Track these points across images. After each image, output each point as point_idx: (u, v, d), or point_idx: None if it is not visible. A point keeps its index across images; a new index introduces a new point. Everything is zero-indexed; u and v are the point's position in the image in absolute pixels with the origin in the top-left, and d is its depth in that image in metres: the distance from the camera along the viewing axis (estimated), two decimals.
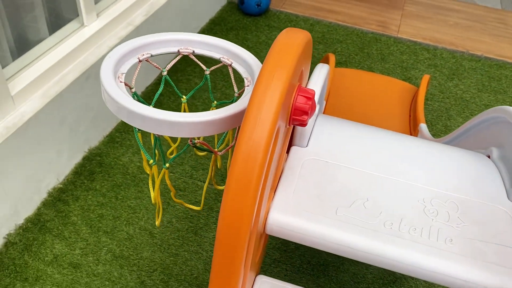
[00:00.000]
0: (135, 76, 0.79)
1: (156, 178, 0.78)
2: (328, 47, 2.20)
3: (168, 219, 1.43)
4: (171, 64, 0.83)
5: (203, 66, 0.85)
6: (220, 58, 0.82)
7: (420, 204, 0.79)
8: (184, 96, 0.86)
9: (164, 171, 0.79)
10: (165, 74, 0.83)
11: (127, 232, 1.39)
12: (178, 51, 0.82)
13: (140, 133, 0.78)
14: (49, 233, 1.37)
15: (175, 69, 1.96)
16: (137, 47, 0.78)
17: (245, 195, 0.56)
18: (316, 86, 0.87)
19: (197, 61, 0.84)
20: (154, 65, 0.82)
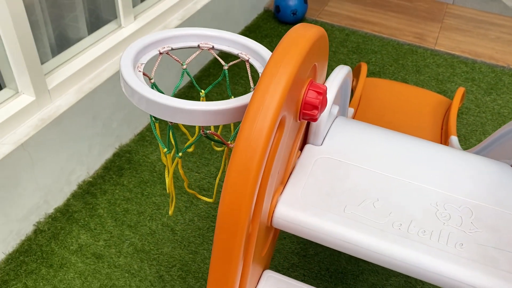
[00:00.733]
0: (155, 68, 0.82)
1: (170, 167, 0.80)
2: (362, 57, 2.19)
3: (190, 217, 1.46)
4: (191, 58, 0.86)
5: (222, 61, 0.88)
6: (238, 54, 0.84)
7: (432, 207, 0.77)
8: (202, 90, 0.88)
9: (177, 160, 0.81)
10: (185, 67, 0.86)
11: (149, 228, 1.42)
12: (198, 45, 0.84)
13: (158, 124, 0.81)
14: (76, 223, 1.42)
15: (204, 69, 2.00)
16: (159, 40, 0.81)
17: (245, 181, 0.56)
18: (332, 84, 0.87)
19: (216, 56, 0.86)
20: (174, 58, 0.85)
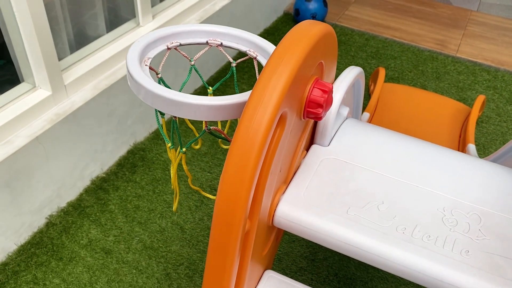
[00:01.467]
0: (162, 63, 0.82)
1: (173, 162, 0.80)
2: (381, 63, 2.16)
3: (200, 216, 1.45)
4: (199, 54, 0.86)
5: (230, 59, 0.87)
6: (246, 51, 0.83)
7: (439, 212, 0.75)
8: (210, 87, 0.88)
9: (181, 155, 0.81)
10: (193, 63, 0.86)
11: (159, 225, 1.42)
12: (207, 42, 0.84)
13: (164, 119, 0.81)
14: (87, 218, 1.43)
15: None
16: (167, 35, 0.81)
17: (242, 176, 0.56)
18: (340, 84, 0.86)
19: (225, 53, 0.86)
20: (182, 54, 0.85)
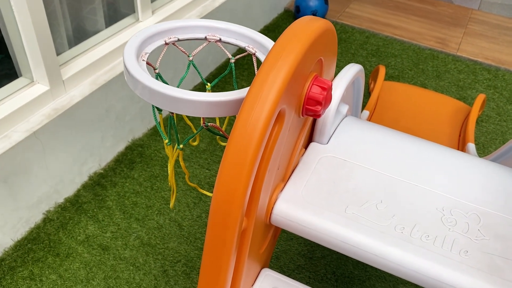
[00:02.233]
0: (160, 58, 0.81)
1: (171, 159, 0.79)
2: (381, 60, 2.15)
3: (198, 213, 1.45)
4: (197, 50, 0.85)
5: (229, 54, 0.86)
6: (245, 47, 0.82)
7: (438, 212, 0.75)
8: (208, 83, 0.87)
9: (178, 151, 0.80)
10: (191, 59, 0.85)
11: (157, 222, 1.42)
12: (206, 37, 0.84)
13: (161, 115, 0.80)
14: (84, 214, 1.42)
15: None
16: (165, 30, 0.80)
17: (239, 173, 0.55)
18: (340, 81, 0.85)
19: (223, 49, 0.85)
20: (180, 49, 0.84)
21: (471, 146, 1.53)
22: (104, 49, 1.48)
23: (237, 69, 2.03)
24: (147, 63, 0.77)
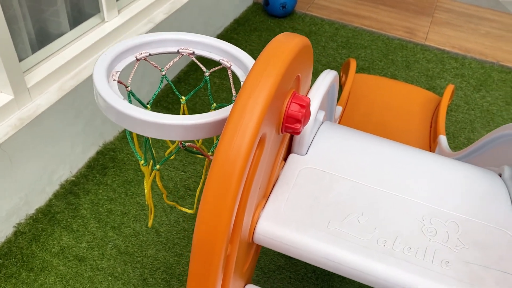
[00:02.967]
0: (132, 75, 0.78)
1: (147, 179, 0.77)
2: (351, 52, 2.16)
3: (175, 218, 1.43)
4: (170, 64, 0.82)
5: (203, 68, 0.84)
6: (220, 60, 0.80)
7: (418, 222, 0.76)
8: (183, 97, 0.85)
9: (154, 172, 0.78)
10: (164, 73, 0.83)
11: (133, 229, 1.39)
12: (178, 51, 0.81)
13: (135, 134, 0.78)
14: (58, 224, 1.38)
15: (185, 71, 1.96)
16: (136, 45, 0.77)
17: (222, 205, 0.54)
18: (316, 93, 0.84)
19: (198, 62, 0.82)
20: (152, 64, 0.82)
21: (443, 138, 1.56)
22: (69, 53, 1.43)
23: (218, 79, 2.00)
24: (119, 82, 0.74)
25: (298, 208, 0.75)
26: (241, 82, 0.75)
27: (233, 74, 0.80)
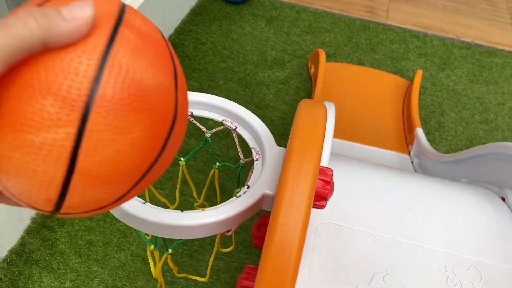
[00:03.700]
0: None
1: (158, 261, 0.71)
2: (316, 38, 2.11)
3: (161, 242, 1.37)
4: None
5: (203, 128, 0.77)
6: (222, 121, 0.73)
7: (442, 273, 0.75)
8: (182, 159, 0.78)
9: (165, 256, 0.72)
10: None
11: (118, 260, 1.33)
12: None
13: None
14: (35, 265, 1.30)
15: None
16: None
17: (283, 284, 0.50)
18: (326, 146, 0.80)
19: (196, 123, 0.75)
20: None
21: (420, 131, 1.57)
22: None
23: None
24: None
25: (322, 276, 0.72)
26: (252, 149, 0.69)
27: (238, 136, 0.73)
